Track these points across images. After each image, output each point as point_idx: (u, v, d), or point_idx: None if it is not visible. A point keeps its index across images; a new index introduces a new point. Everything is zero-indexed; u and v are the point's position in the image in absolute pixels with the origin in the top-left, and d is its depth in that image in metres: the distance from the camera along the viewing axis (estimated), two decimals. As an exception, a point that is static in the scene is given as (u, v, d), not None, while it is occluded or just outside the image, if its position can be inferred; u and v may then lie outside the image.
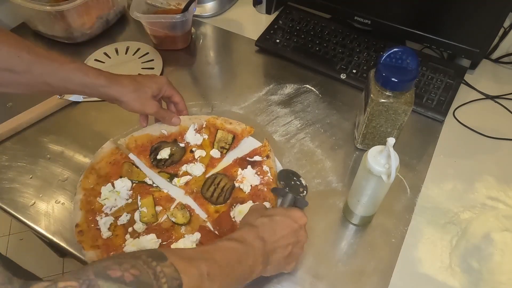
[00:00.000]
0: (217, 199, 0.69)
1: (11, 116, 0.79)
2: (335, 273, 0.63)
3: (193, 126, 0.76)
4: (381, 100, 0.65)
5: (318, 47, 0.92)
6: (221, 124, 0.77)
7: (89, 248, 0.61)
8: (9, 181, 0.73)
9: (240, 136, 0.76)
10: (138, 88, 0.69)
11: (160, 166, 0.73)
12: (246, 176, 0.71)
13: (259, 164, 0.72)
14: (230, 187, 0.70)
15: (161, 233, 0.65)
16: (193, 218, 0.67)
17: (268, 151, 0.73)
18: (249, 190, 0.70)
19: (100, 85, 0.65)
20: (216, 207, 0.68)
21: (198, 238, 0.64)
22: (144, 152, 0.74)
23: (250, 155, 0.74)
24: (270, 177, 0.70)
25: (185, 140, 0.76)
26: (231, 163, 0.74)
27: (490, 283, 0.60)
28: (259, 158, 0.73)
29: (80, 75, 0.63)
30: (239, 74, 0.93)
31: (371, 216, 0.66)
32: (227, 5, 1.06)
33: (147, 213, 0.67)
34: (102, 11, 0.96)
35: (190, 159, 0.74)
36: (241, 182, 0.70)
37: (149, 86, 0.70)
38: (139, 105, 0.70)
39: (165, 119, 0.75)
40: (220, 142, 0.76)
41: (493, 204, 0.70)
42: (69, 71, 0.63)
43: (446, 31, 0.83)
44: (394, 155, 0.52)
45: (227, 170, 0.73)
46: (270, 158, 0.73)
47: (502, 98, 0.86)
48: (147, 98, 0.70)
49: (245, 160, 0.73)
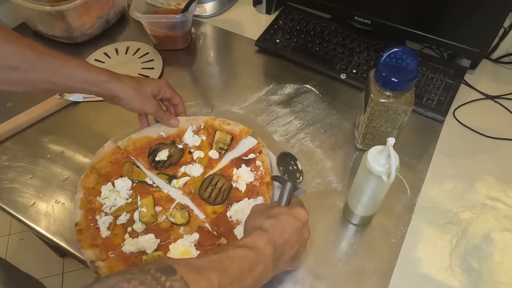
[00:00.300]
0: (215, 200, 0.69)
1: (11, 116, 0.79)
2: (335, 273, 0.63)
3: (191, 127, 0.76)
4: (381, 100, 0.65)
5: (318, 47, 0.92)
6: (219, 125, 0.77)
7: (88, 247, 0.62)
8: (9, 181, 0.73)
9: (238, 137, 0.76)
10: (139, 86, 0.69)
11: (159, 167, 0.73)
12: (241, 175, 0.71)
13: (253, 161, 0.72)
14: (227, 188, 0.70)
15: (159, 233, 0.65)
16: (192, 219, 0.67)
17: (261, 147, 0.73)
18: (245, 188, 0.70)
19: (102, 81, 0.65)
20: (214, 208, 0.68)
21: (197, 239, 0.64)
22: (142, 154, 0.74)
23: (245, 154, 0.74)
24: (262, 171, 0.71)
25: (183, 142, 0.76)
26: (228, 163, 0.74)
27: (490, 283, 0.60)
28: (253, 155, 0.73)
29: (82, 72, 0.63)
30: (239, 74, 0.93)
31: (371, 216, 0.66)
32: (227, 5, 1.06)
33: (146, 213, 0.67)
34: (102, 11, 0.96)
35: (189, 160, 0.74)
36: (236, 181, 0.71)
37: (149, 85, 0.70)
38: (139, 103, 0.69)
39: (164, 119, 0.75)
40: (219, 143, 0.76)
41: (493, 204, 0.70)
42: (72, 68, 0.63)
43: (446, 31, 0.83)
44: (394, 155, 0.52)
45: (224, 170, 0.73)
46: (262, 153, 0.73)
47: (502, 98, 0.86)
48: (147, 97, 0.70)
49: (241, 160, 0.73)
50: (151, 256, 0.62)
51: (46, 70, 0.61)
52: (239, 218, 0.66)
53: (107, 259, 0.61)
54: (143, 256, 0.62)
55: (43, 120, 0.82)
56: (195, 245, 0.63)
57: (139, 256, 0.62)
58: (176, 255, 0.62)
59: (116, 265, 0.60)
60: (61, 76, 0.62)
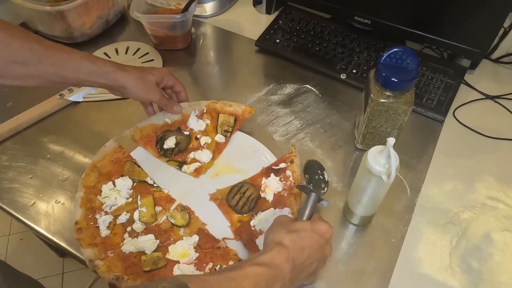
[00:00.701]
0: (242, 208, 0.68)
1: (11, 116, 0.79)
2: (335, 273, 0.63)
3: (194, 112, 0.77)
4: (381, 100, 0.65)
5: (318, 47, 0.92)
6: (221, 107, 0.78)
7: (87, 245, 0.62)
8: (9, 181, 0.73)
9: (241, 117, 0.77)
10: (142, 76, 0.69)
11: (168, 155, 0.74)
12: (269, 185, 0.69)
13: (283, 171, 0.71)
14: (255, 197, 0.69)
15: (159, 234, 0.65)
16: (192, 221, 0.67)
17: (293, 156, 0.72)
18: (272, 198, 0.68)
19: (107, 72, 0.66)
20: (240, 216, 0.68)
21: (196, 241, 0.64)
22: (150, 142, 0.75)
23: (276, 163, 0.73)
24: (292, 181, 0.69)
25: (188, 127, 0.77)
26: (259, 172, 0.72)
27: (490, 283, 0.60)
28: (284, 164, 0.72)
29: (89, 64, 0.64)
30: (239, 74, 0.93)
31: (371, 216, 0.66)
32: (227, 5, 1.06)
33: (146, 213, 0.67)
34: (102, 11, 0.96)
35: (197, 146, 0.75)
36: (264, 191, 0.69)
37: (153, 74, 0.71)
38: (143, 92, 0.70)
39: (168, 107, 0.75)
40: (223, 126, 0.77)
41: (493, 204, 0.70)
42: (77, 60, 0.64)
43: (446, 31, 0.83)
44: (394, 155, 0.52)
45: (254, 179, 0.72)
46: (294, 163, 0.71)
47: (502, 98, 0.86)
48: (151, 85, 0.71)
49: (271, 169, 0.72)
50: (150, 257, 0.62)
51: (54, 63, 0.61)
52: (262, 227, 0.65)
53: (106, 258, 0.61)
54: (142, 257, 0.62)
55: (43, 120, 0.82)
56: (194, 247, 0.63)
57: (138, 256, 0.62)
58: (175, 257, 0.62)
59: (114, 264, 0.60)
60: (68, 69, 0.63)
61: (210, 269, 0.61)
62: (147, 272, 0.60)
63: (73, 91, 0.84)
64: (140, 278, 0.59)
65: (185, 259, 0.62)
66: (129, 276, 0.59)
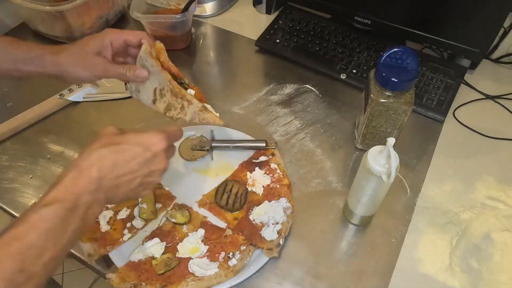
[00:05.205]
0: (233, 206, 0.69)
1: (11, 116, 0.79)
2: (335, 273, 0.63)
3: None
4: (381, 100, 0.65)
5: (318, 47, 0.92)
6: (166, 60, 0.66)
7: (87, 240, 0.63)
8: (9, 181, 0.73)
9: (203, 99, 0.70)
10: (77, 48, 0.59)
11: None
12: (256, 178, 0.71)
13: (266, 164, 0.72)
14: (243, 192, 0.70)
15: (164, 236, 0.65)
16: (193, 216, 0.68)
17: (272, 149, 0.74)
18: (263, 191, 0.69)
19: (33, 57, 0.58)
20: (234, 214, 0.68)
21: (203, 234, 0.65)
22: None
23: (255, 157, 0.74)
24: (280, 173, 0.71)
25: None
26: (238, 167, 0.73)
27: (490, 283, 0.60)
28: (265, 157, 0.73)
29: (11, 50, 0.58)
30: (239, 74, 0.93)
31: (371, 216, 0.66)
32: (227, 5, 1.06)
33: (146, 209, 0.67)
34: (102, 11, 0.96)
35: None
36: (253, 185, 0.70)
37: (89, 44, 0.59)
38: (82, 70, 0.58)
39: (126, 75, 0.60)
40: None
41: (493, 204, 0.70)
42: (1, 47, 0.58)
43: (446, 31, 0.83)
44: (394, 155, 0.52)
45: (236, 175, 0.72)
46: (275, 155, 0.73)
47: (502, 98, 0.86)
48: (90, 58, 0.58)
49: (251, 163, 0.73)
50: (161, 260, 0.62)
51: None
52: (263, 220, 0.65)
53: (117, 271, 0.61)
54: (153, 261, 0.62)
55: (43, 120, 0.82)
56: (202, 241, 0.64)
57: (148, 262, 0.62)
58: (185, 254, 0.63)
59: (127, 275, 0.60)
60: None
61: (223, 257, 0.62)
62: (161, 274, 0.60)
63: (73, 91, 0.84)
64: (157, 282, 0.59)
65: (196, 253, 0.63)
66: (146, 282, 0.59)
